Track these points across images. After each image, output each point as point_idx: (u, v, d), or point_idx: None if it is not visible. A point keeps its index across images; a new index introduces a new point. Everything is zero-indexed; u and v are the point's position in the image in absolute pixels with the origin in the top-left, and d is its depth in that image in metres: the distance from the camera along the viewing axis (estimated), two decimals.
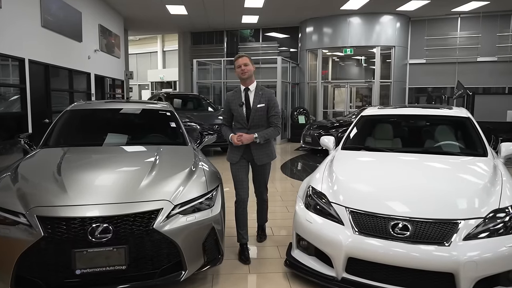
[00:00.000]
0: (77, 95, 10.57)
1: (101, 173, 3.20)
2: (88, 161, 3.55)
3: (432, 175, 3.44)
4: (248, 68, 3.62)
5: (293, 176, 7.94)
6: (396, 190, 3.15)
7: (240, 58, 3.66)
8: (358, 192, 3.22)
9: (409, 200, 2.98)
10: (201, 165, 3.58)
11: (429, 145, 4.30)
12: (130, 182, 3.02)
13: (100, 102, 4.90)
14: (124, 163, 3.51)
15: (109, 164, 3.45)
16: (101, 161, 3.56)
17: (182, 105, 11.98)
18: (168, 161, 3.56)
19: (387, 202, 3.01)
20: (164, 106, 4.83)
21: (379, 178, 3.40)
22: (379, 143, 4.50)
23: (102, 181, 3.07)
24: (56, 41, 9.04)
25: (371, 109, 5.00)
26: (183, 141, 4.25)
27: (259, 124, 3.68)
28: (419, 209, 2.86)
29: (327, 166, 3.81)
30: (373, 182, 3.32)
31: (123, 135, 4.22)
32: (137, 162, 3.52)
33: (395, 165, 3.72)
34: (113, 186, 2.97)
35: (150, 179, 3.08)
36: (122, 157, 3.69)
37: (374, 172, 3.58)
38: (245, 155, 3.74)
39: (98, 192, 2.87)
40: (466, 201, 2.95)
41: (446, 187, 3.12)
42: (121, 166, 3.42)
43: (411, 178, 3.34)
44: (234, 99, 3.71)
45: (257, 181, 3.96)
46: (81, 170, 3.21)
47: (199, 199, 3.09)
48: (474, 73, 13.66)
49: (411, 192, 3.08)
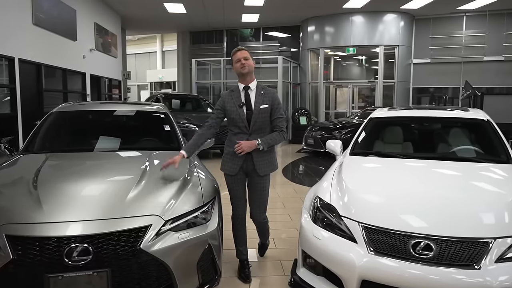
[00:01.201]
0: (72, 95, 10.23)
1: (83, 184, 2.85)
2: (69, 170, 3.21)
3: (455, 185, 3.09)
4: (249, 62, 3.15)
5: (295, 180, 7.59)
6: (415, 202, 2.79)
7: (239, 52, 3.20)
8: (372, 204, 2.87)
9: (431, 215, 2.63)
10: (196, 173, 3.25)
11: (445, 150, 3.96)
12: (115, 195, 2.67)
13: (89, 104, 4.57)
14: (110, 172, 3.15)
15: (92, 173, 3.10)
16: (83, 170, 3.21)
17: (180, 106, 11.66)
18: (159, 169, 3.21)
19: (405, 216, 2.67)
20: (158, 108, 4.48)
21: (394, 188, 3.05)
22: (391, 147, 4.16)
23: (83, 194, 2.72)
24: (49, 40, 8.71)
25: (380, 111, 4.65)
26: (178, 146, 3.90)
27: (261, 128, 3.18)
28: (443, 226, 2.51)
29: (336, 173, 3.46)
30: (388, 193, 2.98)
31: (112, 139, 3.88)
32: (124, 171, 3.17)
33: (411, 173, 3.38)
34: (95, 200, 2.62)
35: (138, 191, 2.73)
36: (107, 165, 3.34)
37: (389, 181, 3.23)
38: (244, 165, 3.21)
39: (78, 207, 2.52)
40: (495, 216, 2.60)
41: (472, 200, 2.78)
42: (105, 175, 3.07)
43: (431, 189, 2.99)
44: (231, 99, 3.19)
45: (255, 199, 3.35)
46: (60, 181, 2.86)
47: (194, 213, 2.75)
48: (480, 73, 13.32)
49: (433, 205, 2.73)
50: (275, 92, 3.30)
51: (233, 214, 3.43)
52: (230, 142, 3.24)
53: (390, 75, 14.04)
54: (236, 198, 3.36)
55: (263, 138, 3.15)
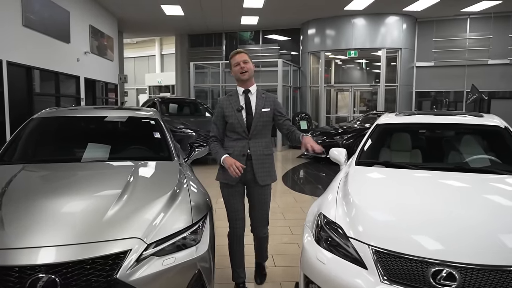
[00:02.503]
0: (65, 99, 9.92)
1: (55, 202, 2.51)
2: (42, 184, 2.88)
3: (474, 201, 2.76)
4: (248, 66, 2.93)
5: (295, 187, 7.26)
6: (432, 223, 2.46)
7: (237, 54, 2.95)
8: (383, 224, 2.54)
9: (453, 238, 2.29)
10: (186, 185, 2.92)
11: (459, 159, 3.64)
12: (91, 215, 2.34)
13: (73, 109, 4.23)
14: (88, 186, 2.81)
15: (67, 188, 2.76)
16: (58, 184, 2.87)
17: (178, 111, 11.36)
18: (145, 182, 2.89)
19: (423, 239, 2.33)
20: (149, 113, 4.16)
21: (407, 204, 2.72)
22: (399, 157, 3.83)
23: (54, 214, 2.37)
24: (40, 42, 8.40)
25: (388, 116, 4.33)
26: (168, 155, 3.57)
27: (262, 133, 2.98)
28: (469, 251, 2.18)
29: (341, 185, 3.14)
30: (401, 211, 2.64)
31: (96, 148, 3.55)
32: (104, 185, 2.84)
33: (425, 187, 3.04)
34: (67, 221, 2.29)
35: (117, 209, 2.40)
36: (86, 178, 3.00)
37: (400, 196, 2.89)
38: (243, 175, 2.90)
39: (47, 230, 2.18)
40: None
41: (500, 220, 2.44)
42: (82, 190, 2.72)
43: (451, 206, 2.66)
44: (229, 104, 2.98)
45: (257, 212, 3.10)
46: (29, 198, 2.51)
47: (182, 234, 2.42)
48: (485, 77, 12.99)
49: (453, 226, 2.40)
50: (275, 97, 3.13)
51: (230, 231, 3.11)
52: (227, 148, 3.00)
53: (392, 78, 13.75)
54: (234, 213, 3.05)
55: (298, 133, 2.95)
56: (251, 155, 2.95)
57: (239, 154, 2.92)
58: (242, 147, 2.94)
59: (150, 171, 3.17)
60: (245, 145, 2.93)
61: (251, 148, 2.95)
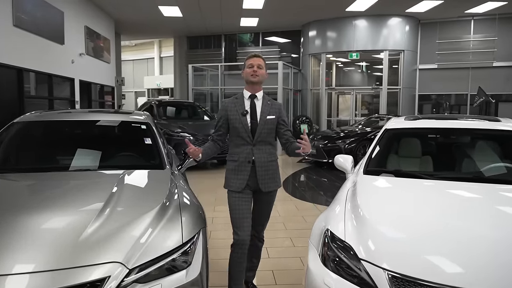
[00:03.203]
0: (59, 102, 9.64)
1: (25, 219, 2.20)
2: (14, 198, 2.57)
3: (500, 219, 2.45)
4: (261, 72, 2.88)
5: (296, 194, 6.96)
6: (455, 244, 2.16)
7: (255, 57, 2.90)
8: (399, 244, 2.24)
9: (480, 262, 2.00)
10: (178, 197, 2.63)
11: (476, 168, 3.34)
12: (64, 235, 2.04)
13: (58, 113, 3.92)
14: (65, 200, 2.49)
15: (42, 202, 2.45)
16: (32, 197, 2.57)
17: (175, 114, 11.08)
18: (130, 194, 2.59)
19: (445, 263, 2.03)
20: (140, 118, 3.85)
21: (424, 221, 2.42)
22: (411, 165, 3.53)
23: (23, 235, 2.06)
24: (32, 43, 8.12)
25: (396, 120, 4.03)
26: (160, 163, 3.28)
27: (265, 141, 2.89)
28: (499, 279, 1.89)
29: (349, 196, 2.85)
30: (418, 228, 2.34)
31: (79, 156, 3.25)
32: (83, 198, 2.53)
33: (443, 200, 2.75)
34: (37, 243, 1.98)
35: (96, 227, 2.11)
36: (64, 190, 2.70)
37: (416, 211, 2.59)
38: (249, 181, 2.86)
39: (11, 254, 1.89)
40: None
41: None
42: (58, 205, 2.41)
43: (470, 223, 2.36)
44: (234, 107, 2.89)
45: (260, 213, 3.04)
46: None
47: (170, 255, 2.13)
48: (490, 79, 12.70)
49: (479, 247, 2.10)
50: (281, 105, 3.05)
51: (234, 240, 2.87)
52: (232, 155, 2.91)
53: (395, 81, 13.48)
54: (240, 220, 2.85)
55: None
56: (255, 161, 2.85)
57: (245, 161, 2.84)
58: (247, 154, 2.84)
59: (137, 182, 2.88)
60: (249, 152, 2.84)
61: (255, 154, 2.85)
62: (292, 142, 2.93)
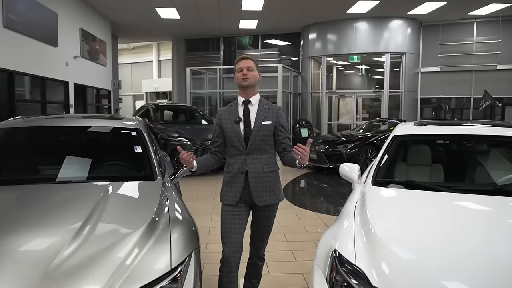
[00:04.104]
0: (53, 106, 9.37)
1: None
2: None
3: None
4: (252, 74, 2.63)
5: (296, 202, 6.68)
6: (478, 267, 1.91)
7: (243, 60, 2.66)
8: (415, 267, 1.98)
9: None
10: (168, 212, 2.37)
11: (494, 179, 3.08)
12: (34, 262, 1.77)
13: (42, 119, 3.65)
14: (37, 218, 2.20)
15: (13, 221, 2.18)
16: (2, 215, 2.29)
17: (173, 118, 10.82)
18: (115, 211, 2.31)
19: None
20: (130, 123, 3.58)
21: (442, 241, 2.16)
22: (423, 174, 3.27)
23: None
24: (24, 45, 7.85)
25: (405, 126, 3.76)
26: (150, 173, 3.01)
27: (261, 149, 2.63)
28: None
29: (358, 209, 2.61)
30: (436, 249, 2.09)
31: (64, 166, 2.97)
32: (59, 217, 2.24)
33: (460, 216, 2.48)
34: (2, 272, 1.71)
35: (70, 251, 1.84)
36: (38, 206, 2.41)
37: (433, 228, 2.33)
38: (243, 194, 2.62)
39: None
40: None
41: None
42: (29, 225, 2.12)
43: (497, 246, 2.10)
44: (228, 115, 2.67)
45: (258, 229, 2.77)
46: None
47: (157, 284, 1.86)
48: (494, 82, 12.44)
49: (504, 272, 1.86)
50: (280, 109, 2.76)
51: (222, 258, 2.58)
52: (227, 166, 2.69)
53: (397, 84, 13.24)
54: (227, 234, 2.58)
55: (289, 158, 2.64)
56: (248, 172, 2.60)
57: (238, 171, 2.61)
58: (240, 164, 2.61)
59: (123, 195, 2.61)
60: (243, 162, 2.61)
61: (249, 165, 2.60)
62: (290, 151, 2.68)
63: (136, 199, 2.60)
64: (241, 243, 2.61)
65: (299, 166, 2.51)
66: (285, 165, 2.75)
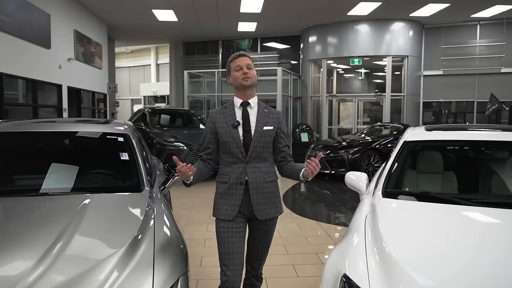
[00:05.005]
0: (45, 110, 9.07)
1: None
2: None
3: None
4: (252, 72, 2.36)
5: (297, 210, 6.38)
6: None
7: (240, 57, 2.37)
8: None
9: None
10: (153, 229, 2.08)
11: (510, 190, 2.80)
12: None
13: (19, 123, 3.35)
14: (3, 242, 1.91)
15: None
16: None
17: (170, 122, 10.54)
18: (90, 231, 2.02)
19: None
20: (117, 128, 3.28)
21: (462, 263, 1.89)
22: (435, 183, 2.99)
23: None
24: (14, 46, 7.57)
25: (417, 131, 3.46)
26: (136, 184, 2.71)
27: (261, 156, 2.36)
28: None
29: (368, 223, 2.35)
30: (456, 273, 1.82)
31: (37, 176, 2.68)
32: (24, 238, 1.94)
33: (485, 237, 2.19)
34: None
35: (33, 279, 1.54)
36: (6, 225, 2.12)
37: (456, 249, 2.04)
38: (243, 208, 2.33)
39: None
40: None
41: None
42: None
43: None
44: (224, 118, 2.37)
45: (256, 245, 2.48)
46: None
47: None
48: (498, 86, 12.16)
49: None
50: (280, 114, 2.49)
51: (221, 283, 2.29)
52: (222, 176, 2.39)
53: (399, 88, 12.97)
54: (229, 256, 2.28)
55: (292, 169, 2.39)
56: (248, 182, 2.30)
57: (236, 182, 2.32)
58: (239, 174, 2.32)
59: (104, 210, 2.30)
60: (242, 171, 2.32)
61: (249, 174, 2.32)
62: (290, 161, 2.44)
63: (117, 214, 2.30)
64: (242, 264, 2.34)
65: (302, 179, 2.22)
66: (284, 176, 2.46)
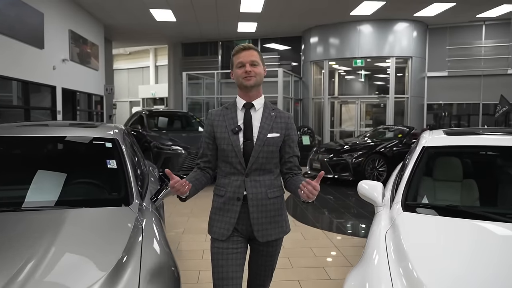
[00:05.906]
0: (38, 112, 8.76)
1: None
2: None
3: None
4: (257, 70, 1.97)
5: (300, 217, 6.07)
6: None
7: (244, 51, 1.99)
8: None
9: None
10: (140, 250, 1.78)
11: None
12: None
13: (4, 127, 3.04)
14: None
15: None
16: None
17: (167, 125, 10.22)
18: (66, 253, 1.70)
19: None
20: (106, 132, 2.97)
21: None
22: (456, 193, 2.69)
23: None
24: (4, 46, 7.25)
25: (436, 136, 3.15)
26: (125, 195, 2.40)
27: (264, 168, 1.99)
28: None
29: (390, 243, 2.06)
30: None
31: (14, 187, 2.37)
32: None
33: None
34: None
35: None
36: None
37: (493, 275, 1.75)
38: (240, 226, 2.00)
39: None
40: None
41: None
42: None
43: None
44: (224, 121, 2.01)
45: (258, 268, 2.17)
46: None
47: None
48: (504, 87, 11.86)
49: None
50: (291, 117, 2.08)
51: None
52: (218, 188, 2.05)
53: (402, 89, 12.68)
54: (224, 282, 1.95)
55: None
56: (247, 198, 1.95)
57: (233, 197, 1.98)
58: (236, 188, 1.98)
59: (83, 230, 1.99)
60: (240, 185, 1.97)
61: (248, 189, 1.97)
62: (296, 174, 2.06)
63: (100, 234, 1.98)
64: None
65: (303, 201, 1.81)
66: (288, 191, 2.09)
